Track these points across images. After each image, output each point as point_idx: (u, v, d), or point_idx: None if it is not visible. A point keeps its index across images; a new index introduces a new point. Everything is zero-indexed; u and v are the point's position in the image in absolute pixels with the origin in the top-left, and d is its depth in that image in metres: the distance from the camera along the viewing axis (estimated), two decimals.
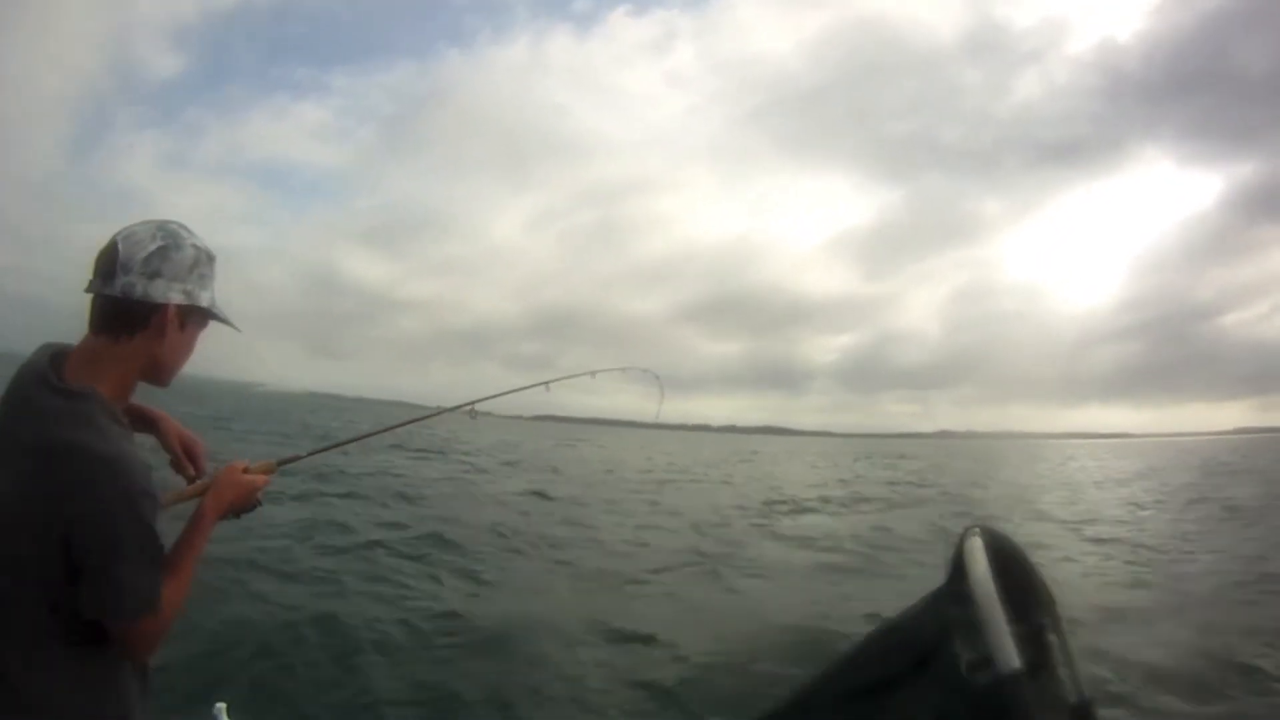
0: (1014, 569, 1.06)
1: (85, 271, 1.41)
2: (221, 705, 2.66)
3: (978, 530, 1.03)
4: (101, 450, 1.27)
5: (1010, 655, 0.89)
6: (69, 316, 1.46)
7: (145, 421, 1.65)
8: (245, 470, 1.63)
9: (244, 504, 1.61)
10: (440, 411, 2.35)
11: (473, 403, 2.31)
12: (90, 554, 1.26)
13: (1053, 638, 1.15)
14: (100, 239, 1.42)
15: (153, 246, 1.37)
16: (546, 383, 2.63)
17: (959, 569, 0.98)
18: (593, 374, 2.89)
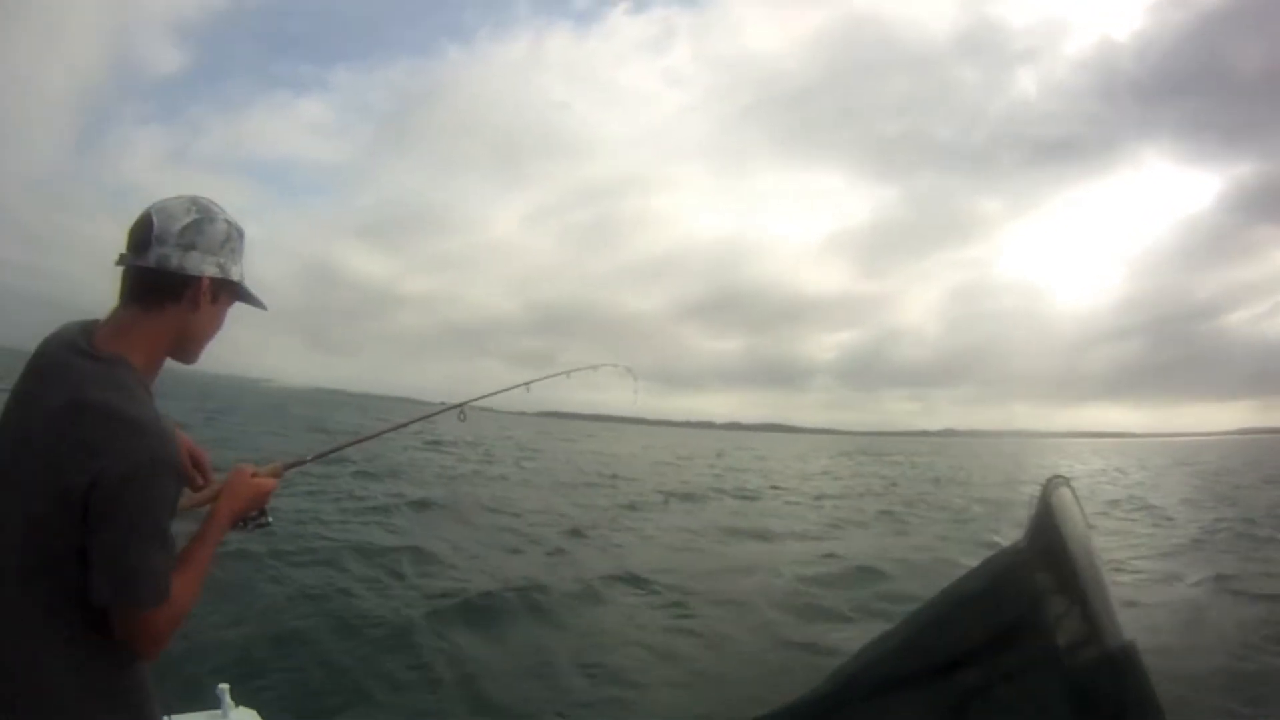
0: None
1: (99, 265, 1.41)
2: (224, 687, 2.65)
3: (1062, 482, 0.88)
4: (133, 413, 1.25)
5: (1118, 626, 0.74)
6: (75, 312, 1.44)
7: None
8: (254, 474, 1.59)
9: (255, 507, 1.59)
10: (438, 411, 2.41)
11: (463, 404, 2.36)
12: (107, 525, 1.22)
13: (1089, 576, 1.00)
14: (101, 234, 1.43)
15: (187, 219, 1.37)
16: (527, 384, 2.67)
17: (1048, 527, 0.83)
18: (568, 374, 2.90)
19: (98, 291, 1.40)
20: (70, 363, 1.29)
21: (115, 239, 1.41)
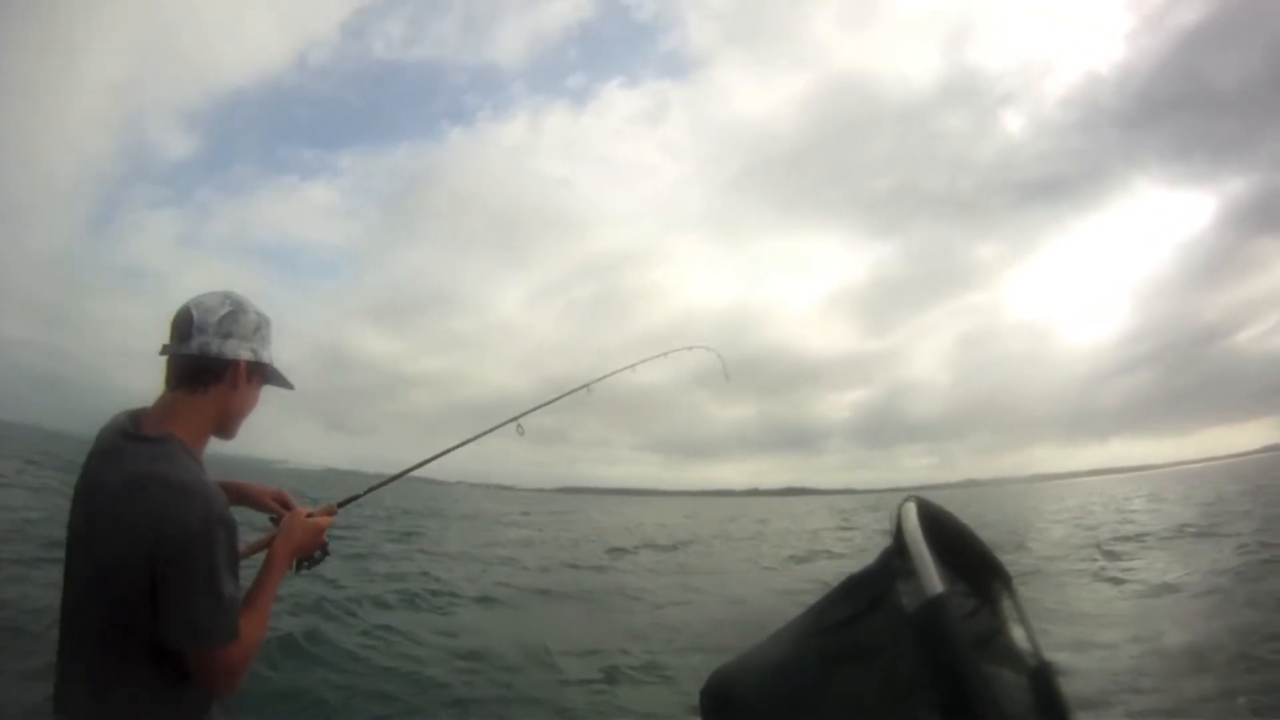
0: (948, 532, 1.32)
1: (109, 346, 1.20)
2: None
3: (912, 499, 1.32)
4: (178, 478, 1.41)
5: (933, 582, 1.15)
6: (86, 391, 1.55)
7: (231, 493, 1.72)
8: (308, 515, 1.78)
9: (312, 544, 1.75)
10: (498, 426, 2.49)
11: (519, 416, 2.48)
12: (173, 579, 1.37)
13: (1007, 604, 1.37)
14: (113, 314, 1.35)
15: (223, 311, 1.57)
16: (588, 385, 2.76)
17: (898, 527, 1.27)
18: (633, 367, 2.93)
19: (108, 369, 1.25)
20: (123, 447, 1.46)
21: (127, 318, 1.41)
